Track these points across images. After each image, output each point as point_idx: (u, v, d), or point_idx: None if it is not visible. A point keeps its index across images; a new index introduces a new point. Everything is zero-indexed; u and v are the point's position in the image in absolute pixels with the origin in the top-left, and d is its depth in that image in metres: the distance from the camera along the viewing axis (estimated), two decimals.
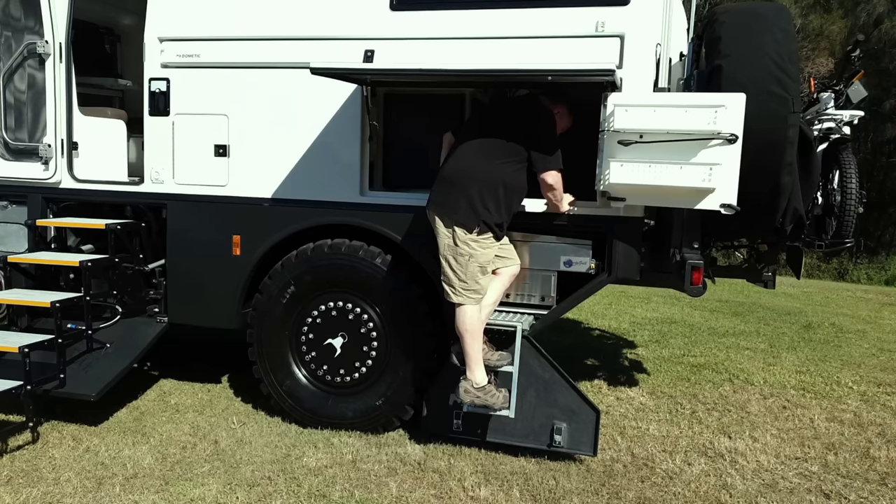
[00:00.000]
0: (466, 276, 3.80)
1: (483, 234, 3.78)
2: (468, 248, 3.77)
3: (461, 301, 3.84)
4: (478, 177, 3.77)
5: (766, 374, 6.23)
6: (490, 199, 3.78)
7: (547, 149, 3.81)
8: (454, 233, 3.78)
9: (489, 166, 3.78)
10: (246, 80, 4.54)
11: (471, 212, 3.75)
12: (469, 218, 3.75)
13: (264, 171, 4.57)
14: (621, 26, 3.91)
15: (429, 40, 4.19)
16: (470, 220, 3.75)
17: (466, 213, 3.76)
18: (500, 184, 3.78)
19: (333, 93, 4.38)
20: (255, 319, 4.66)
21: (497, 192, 3.78)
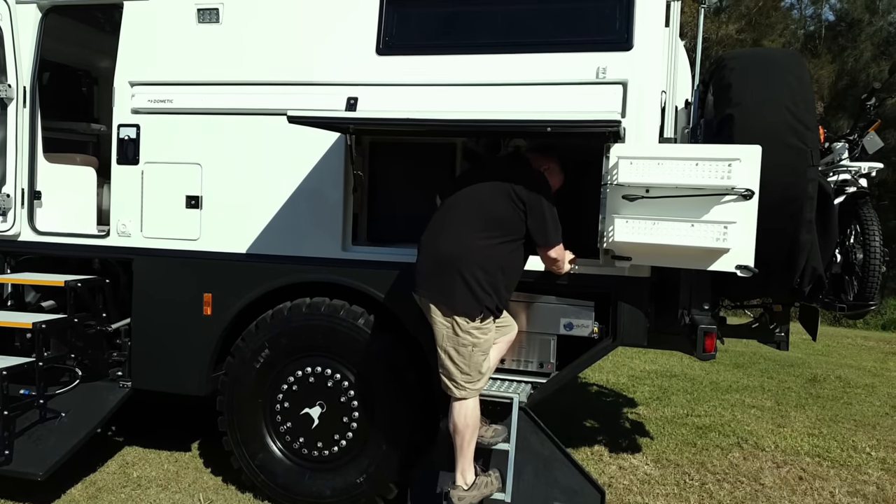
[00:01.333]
0: (470, 367, 3.40)
1: (485, 319, 3.41)
2: (471, 338, 3.38)
3: (464, 396, 3.43)
4: (477, 261, 3.36)
5: (777, 437, 5.85)
6: (490, 283, 3.38)
7: (548, 223, 3.44)
8: (454, 322, 3.38)
9: (487, 247, 3.38)
10: (221, 127, 4.23)
11: (472, 299, 3.35)
12: (471, 306, 3.36)
13: (239, 224, 4.23)
14: (624, 72, 3.64)
15: (417, 87, 3.91)
16: (472, 309, 3.36)
17: (467, 301, 3.35)
18: (499, 267, 3.41)
19: (315, 141, 4.08)
20: (227, 385, 4.27)
21: (497, 276, 3.40)
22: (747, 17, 15.30)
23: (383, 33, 3.95)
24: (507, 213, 3.40)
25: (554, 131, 3.28)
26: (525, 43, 3.81)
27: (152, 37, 4.33)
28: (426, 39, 3.97)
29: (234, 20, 4.21)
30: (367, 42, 3.99)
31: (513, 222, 3.41)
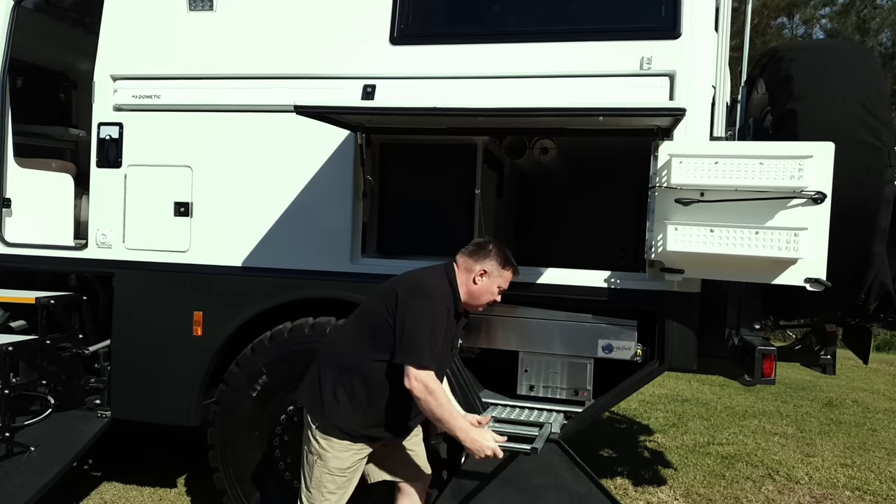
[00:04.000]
0: (311, 482, 2.82)
1: (332, 435, 2.76)
2: (317, 446, 2.79)
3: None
4: (333, 357, 2.84)
5: (808, 467, 5.44)
6: (342, 389, 2.77)
7: (410, 337, 2.64)
8: (307, 420, 2.84)
9: (350, 348, 2.82)
10: (215, 125, 3.79)
11: (317, 401, 2.80)
12: (314, 407, 2.81)
13: (234, 234, 3.78)
14: (671, 63, 3.26)
15: (436, 79, 3.51)
16: (314, 411, 2.80)
17: (311, 400, 2.83)
18: (362, 376, 2.76)
19: (320, 141, 3.66)
20: (219, 416, 3.78)
21: (354, 386, 2.76)
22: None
23: (398, 20, 3.56)
24: (380, 315, 2.75)
25: (606, 120, 2.88)
26: (558, 30, 3.43)
27: (138, 25, 3.90)
28: (447, 27, 3.59)
29: (229, 7, 3.79)
30: (379, 30, 3.59)
31: (384, 329, 2.73)
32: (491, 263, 2.85)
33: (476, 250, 2.89)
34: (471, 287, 2.85)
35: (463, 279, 2.85)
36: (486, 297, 2.89)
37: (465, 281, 2.85)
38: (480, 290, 2.86)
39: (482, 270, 2.84)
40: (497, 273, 2.86)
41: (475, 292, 2.86)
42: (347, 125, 3.41)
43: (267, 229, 3.73)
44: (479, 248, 2.90)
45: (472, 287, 2.85)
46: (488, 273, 2.84)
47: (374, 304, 2.82)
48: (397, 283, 2.83)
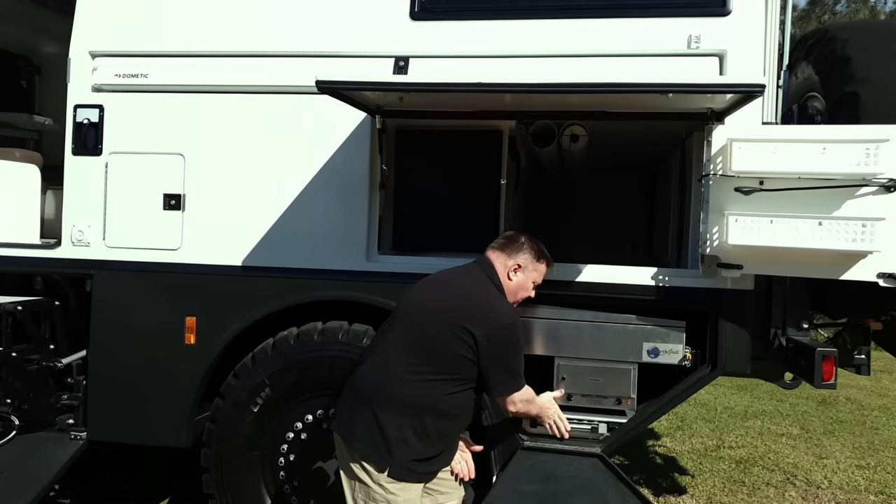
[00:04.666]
0: None
1: (403, 480, 2.49)
2: (385, 493, 2.47)
3: None
4: (391, 396, 2.50)
5: (825, 470, 5.27)
6: (410, 430, 2.49)
7: (507, 367, 2.53)
8: (364, 468, 2.51)
9: (413, 384, 2.50)
10: (213, 109, 3.39)
11: (381, 446, 2.48)
12: (378, 454, 2.48)
13: (233, 229, 3.37)
14: (721, 42, 2.99)
15: (460, 58, 3.18)
16: (381, 458, 2.48)
17: (375, 448, 2.49)
18: (427, 411, 2.49)
19: (331, 125, 3.29)
20: (215, 434, 3.37)
21: (422, 420, 2.49)
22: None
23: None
24: (451, 350, 2.49)
25: (675, 97, 2.57)
26: (598, 5, 3.14)
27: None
28: (474, 1, 3.25)
29: None
30: (399, 4, 3.23)
31: (458, 363, 2.49)
32: (525, 257, 2.67)
33: (507, 244, 2.69)
34: (506, 284, 2.67)
35: (500, 277, 2.67)
36: (521, 293, 2.72)
37: (502, 276, 2.67)
38: (515, 286, 2.68)
39: (516, 265, 2.66)
40: (532, 267, 2.69)
41: (510, 289, 2.68)
42: (366, 106, 3.05)
43: (270, 224, 3.34)
44: (510, 242, 2.69)
45: (507, 284, 2.67)
46: (522, 267, 2.66)
47: (435, 334, 2.49)
48: (461, 310, 2.51)
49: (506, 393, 2.56)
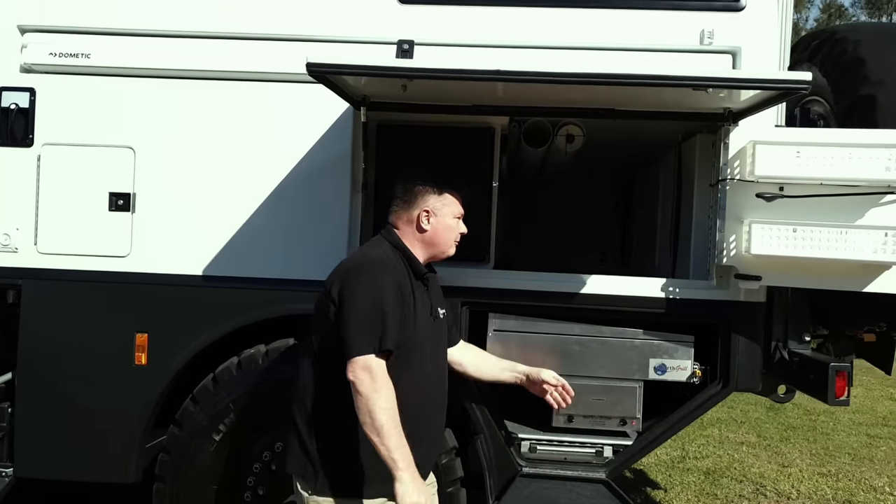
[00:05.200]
0: None
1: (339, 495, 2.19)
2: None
3: None
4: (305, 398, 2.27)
5: (792, 479, 5.26)
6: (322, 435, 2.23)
7: (347, 323, 2.14)
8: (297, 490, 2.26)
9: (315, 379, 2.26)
10: (169, 96, 2.97)
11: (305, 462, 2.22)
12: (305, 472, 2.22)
13: (192, 233, 2.97)
14: (735, 39, 2.82)
15: (454, 47, 2.89)
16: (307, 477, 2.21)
17: (300, 465, 2.24)
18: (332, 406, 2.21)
19: (307, 118, 2.94)
20: (169, 467, 2.95)
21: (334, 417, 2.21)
22: None
23: None
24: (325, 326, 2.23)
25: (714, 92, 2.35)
26: None
27: None
28: None
29: None
30: None
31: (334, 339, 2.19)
32: (427, 199, 2.41)
33: (404, 197, 2.44)
34: (424, 235, 2.40)
35: (410, 232, 2.41)
36: (448, 233, 2.44)
37: (413, 233, 2.40)
38: (435, 230, 2.41)
39: (423, 210, 2.39)
40: (440, 203, 2.42)
41: (432, 237, 2.41)
42: (351, 97, 2.72)
43: (236, 228, 2.95)
44: (406, 194, 2.44)
45: (425, 235, 2.40)
46: (431, 210, 2.40)
47: (317, 307, 2.31)
48: (334, 270, 2.32)
49: (348, 354, 2.10)
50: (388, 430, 2.02)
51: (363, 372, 2.07)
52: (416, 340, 2.25)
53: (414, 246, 2.38)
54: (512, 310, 2.93)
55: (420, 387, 2.26)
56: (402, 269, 2.29)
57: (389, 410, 2.04)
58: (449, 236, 2.43)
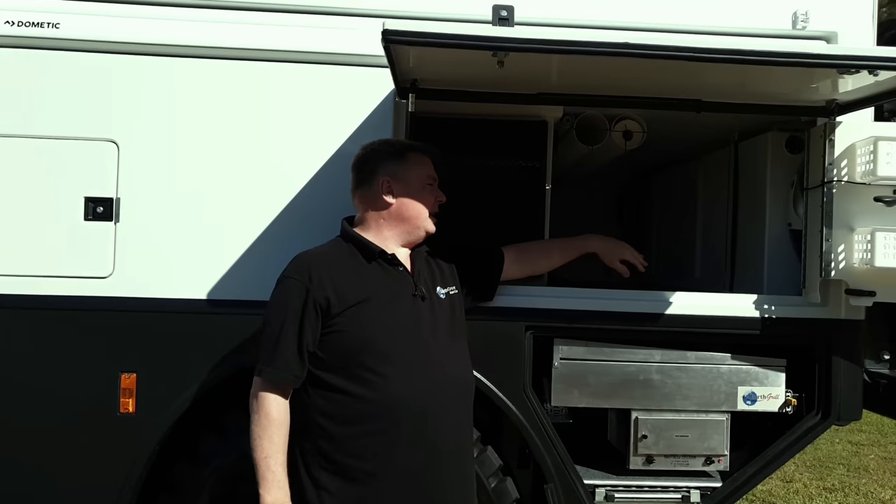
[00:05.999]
0: None
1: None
2: None
3: None
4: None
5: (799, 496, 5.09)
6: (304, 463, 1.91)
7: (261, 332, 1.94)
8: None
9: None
10: (163, 78, 2.40)
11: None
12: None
13: (194, 248, 2.40)
14: (831, 22, 2.50)
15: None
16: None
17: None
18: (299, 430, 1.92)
19: (333, 107, 2.44)
20: None
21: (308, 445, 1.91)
22: None
23: None
24: None
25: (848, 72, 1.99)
26: None
27: None
28: None
29: None
30: None
31: None
32: (384, 168, 2.02)
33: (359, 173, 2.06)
34: (391, 211, 2.01)
35: (373, 215, 2.02)
36: (417, 202, 2.03)
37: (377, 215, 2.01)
38: (404, 202, 2.01)
39: (383, 182, 2.00)
40: (400, 169, 2.02)
41: (401, 210, 2.01)
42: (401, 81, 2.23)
43: (251, 242, 2.41)
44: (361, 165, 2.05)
45: (392, 210, 2.01)
46: (392, 179, 2.01)
47: None
48: None
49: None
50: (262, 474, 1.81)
51: (252, 398, 1.86)
52: (385, 332, 1.89)
53: (381, 229, 2.00)
54: (582, 334, 2.50)
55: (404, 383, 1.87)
56: (348, 263, 1.94)
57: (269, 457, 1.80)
58: (420, 206, 2.02)
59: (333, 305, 1.86)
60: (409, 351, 1.90)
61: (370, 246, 1.96)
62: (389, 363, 1.87)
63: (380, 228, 2.00)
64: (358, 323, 1.86)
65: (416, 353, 1.91)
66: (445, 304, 2.03)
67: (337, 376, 1.85)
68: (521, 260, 2.33)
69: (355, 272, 1.92)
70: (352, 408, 1.85)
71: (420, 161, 2.06)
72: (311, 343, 1.85)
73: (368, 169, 2.01)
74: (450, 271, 2.12)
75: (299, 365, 1.85)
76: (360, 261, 1.95)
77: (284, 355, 1.83)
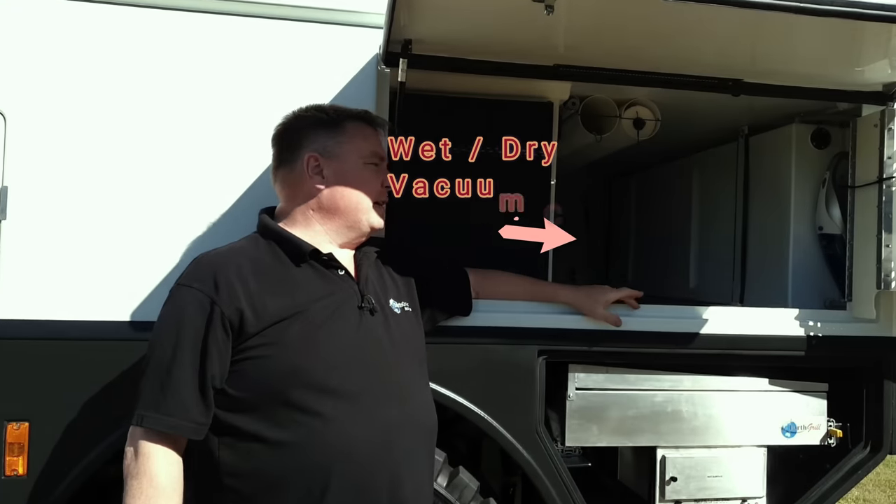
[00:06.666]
0: None
1: None
2: None
3: None
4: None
5: None
6: None
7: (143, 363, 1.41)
8: None
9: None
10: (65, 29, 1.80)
11: None
12: None
13: (106, 254, 1.81)
14: None
15: None
16: None
17: None
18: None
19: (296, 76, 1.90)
20: None
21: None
22: None
23: None
24: None
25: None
26: None
27: None
28: None
29: None
30: None
31: None
32: (312, 141, 1.52)
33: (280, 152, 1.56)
34: (321, 199, 1.51)
35: (299, 204, 1.52)
36: (356, 191, 1.52)
37: (304, 205, 1.52)
38: (338, 188, 1.50)
39: (309, 159, 1.50)
40: (333, 143, 1.52)
41: (334, 198, 1.51)
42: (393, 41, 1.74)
43: (185, 246, 1.84)
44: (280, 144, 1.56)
45: (323, 198, 1.51)
46: (322, 156, 1.51)
47: None
48: None
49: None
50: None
51: (129, 455, 1.33)
52: (322, 356, 1.39)
53: (310, 223, 1.52)
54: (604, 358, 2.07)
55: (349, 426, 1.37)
56: (269, 266, 1.44)
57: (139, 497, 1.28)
58: (358, 194, 1.52)
59: (249, 323, 1.35)
60: (357, 381, 1.41)
61: (298, 243, 1.47)
62: (328, 399, 1.37)
63: (309, 222, 1.52)
64: (284, 345, 1.37)
65: (367, 385, 1.42)
66: (402, 320, 1.55)
67: (253, 419, 1.36)
68: (485, 284, 1.90)
69: (279, 278, 1.43)
70: (273, 463, 1.35)
71: (361, 133, 1.55)
72: (217, 377, 1.35)
73: (292, 142, 1.53)
74: (405, 283, 1.63)
75: (200, 408, 1.34)
76: (285, 263, 1.46)
77: (179, 395, 1.32)
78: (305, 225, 1.51)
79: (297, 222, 1.51)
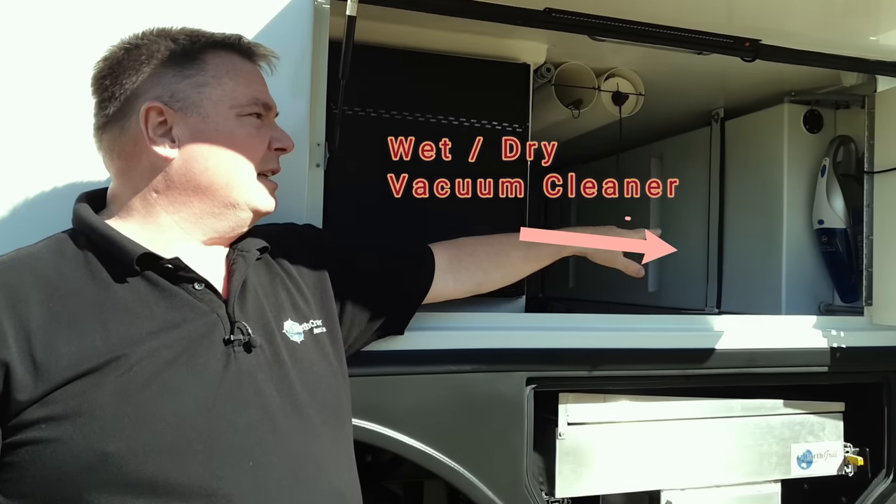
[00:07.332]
0: None
1: None
2: None
3: None
4: None
5: None
6: None
7: None
8: None
9: None
10: None
11: None
12: None
13: None
14: None
15: None
16: None
17: None
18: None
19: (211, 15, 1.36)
20: None
21: None
22: None
23: None
24: None
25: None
26: None
27: None
28: None
29: None
30: None
31: None
32: (154, 83, 1.00)
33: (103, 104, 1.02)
34: (170, 173, 1.00)
35: (135, 184, 1.01)
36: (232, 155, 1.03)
37: (145, 184, 1.01)
38: (199, 155, 1.01)
39: (148, 112, 0.99)
40: (184, 85, 1.01)
41: (192, 170, 1.01)
42: None
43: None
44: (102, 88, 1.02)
45: (173, 171, 1.00)
46: (169, 105, 0.99)
47: None
48: None
49: None
50: None
51: None
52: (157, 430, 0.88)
53: (153, 211, 1.01)
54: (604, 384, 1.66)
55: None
56: (73, 285, 0.93)
57: None
58: (231, 162, 1.03)
59: (21, 385, 0.84)
60: (216, 470, 0.90)
61: (123, 246, 0.96)
62: (167, 497, 0.87)
63: (151, 209, 1.01)
64: (84, 419, 0.86)
65: (233, 474, 0.91)
66: (306, 352, 1.05)
67: None
68: (458, 267, 1.35)
69: (86, 305, 0.92)
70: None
71: (232, 68, 1.04)
72: None
73: (122, 88, 1.00)
74: (315, 290, 1.15)
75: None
76: (100, 280, 0.94)
77: None
78: (146, 215, 1.00)
79: (134, 211, 1.00)
